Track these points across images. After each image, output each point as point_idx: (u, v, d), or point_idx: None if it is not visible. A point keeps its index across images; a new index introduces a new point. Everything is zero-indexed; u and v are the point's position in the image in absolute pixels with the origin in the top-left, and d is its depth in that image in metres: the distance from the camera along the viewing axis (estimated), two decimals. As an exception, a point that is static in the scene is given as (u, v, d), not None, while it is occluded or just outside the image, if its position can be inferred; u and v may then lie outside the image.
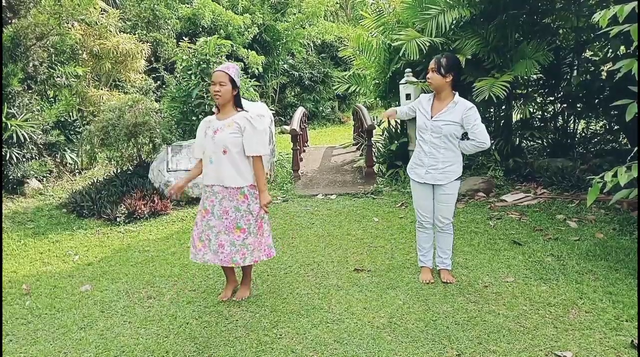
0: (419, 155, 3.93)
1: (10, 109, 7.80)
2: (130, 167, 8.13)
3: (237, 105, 3.79)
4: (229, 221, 3.70)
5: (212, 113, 3.93)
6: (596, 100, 7.25)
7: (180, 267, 4.78)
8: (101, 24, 9.38)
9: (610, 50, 6.58)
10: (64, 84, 8.93)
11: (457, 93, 3.83)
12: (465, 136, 3.89)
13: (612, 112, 6.81)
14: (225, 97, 3.67)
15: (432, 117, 3.80)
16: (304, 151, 11.28)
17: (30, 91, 8.65)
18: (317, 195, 7.39)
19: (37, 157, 8.42)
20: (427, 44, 6.69)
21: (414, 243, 4.98)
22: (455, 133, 3.78)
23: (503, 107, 7.77)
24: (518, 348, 3.07)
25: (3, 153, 7.45)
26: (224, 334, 3.44)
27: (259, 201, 3.75)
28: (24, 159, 8.00)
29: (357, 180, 8.28)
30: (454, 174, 3.87)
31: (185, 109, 8.07)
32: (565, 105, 7.83)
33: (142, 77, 10.82)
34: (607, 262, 4.28)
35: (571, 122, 8.02)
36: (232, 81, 3.66)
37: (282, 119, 17.61)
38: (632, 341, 3.04)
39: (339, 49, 16.34)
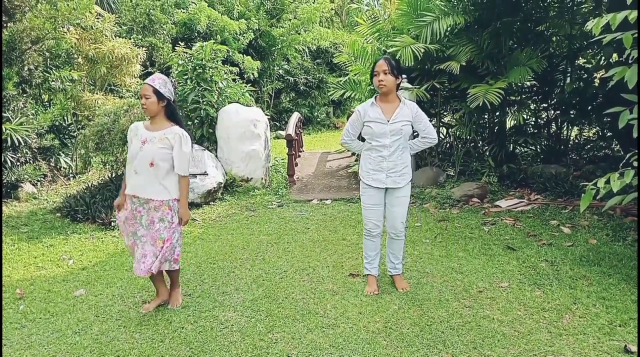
0: (376, 161, 3.86)
1: (5, 113, 7.77)
2: (125, 172, 8.10)
3: (170, 117, 3.71)
4: (154, 232, 3.67)
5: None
6: (589, 107, 7.32)
7: (175, 271, 4.77)
8: (97, 28, 9.37)
9: (603, 58, 6.65)
10: (59, 88, 8.90)
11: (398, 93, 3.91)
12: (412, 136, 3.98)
13: (604, 119, 6.88)
14: (152, 109, 3.61)
15: (389, 121, 3.77)
16: (299, 156, 11.29)
17: (25, 95, 8.62)
18: (312, 200, 7.40)
19: (31, 161, 8.38)
20: (422, 50, 6.74)
21: (409, 249, 5.00)
22: (409, 132, 3.85)
23: (497, 113, 7.83)
24: (512, 353, 3.09)
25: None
26: (219, 338, 3.43)
27: (179, 216, 3.72)
28: (18, 163, 7.97)
29: (352, 185, 8.29)
30: (409, 176, 3.94)
31: (180, 114, 8.07)
32: (558, 112, 7.91)
33: (138, 82, 10.80)
34: (601, 267, 4.31)
35: (564, 128, 8.09)
36: (157, 93, 3.58)
37: (278, 124, 17.61)
38: (626, 345, 3.06)
39: (334, 55, 16.39)
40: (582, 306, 3.65)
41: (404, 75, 7.53)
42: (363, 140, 4.02)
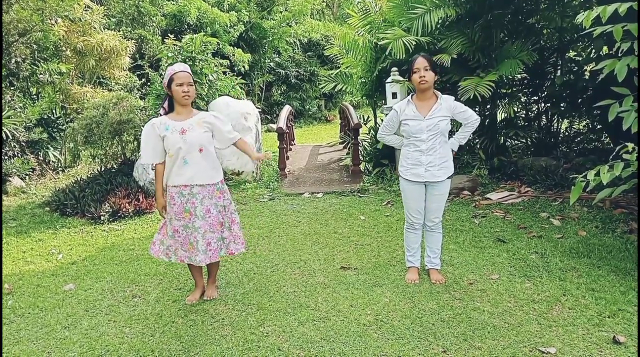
0: (414, 156, 3.88)
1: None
2: (115, 165, 8.04)
3: (193, 106, 3.86)
4: (212, 219, 3.73)
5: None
6: (579, 100, 7.34)
7: (165, 265, 4.74)
8: (85, 20, 9.27)
9: (594, 51, 6.67)
10: (47, 80, 8.81)
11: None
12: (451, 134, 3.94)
13: (595, 112, 6.90)
14: (193, 96, 3.73)
15: (425, 117, 3.79)
16: (291, 150, 11.27)
17: (12, 88, 8.53)
18: (303, 193, 7.39)
19: (19, 155, 8.31)
20: (414, 43, 6.72)
21: (400, 241, 5.01)
22: (447, 127, 3.83)
23: (488, 106, 7.83)
24: (503, 344, 3.10)
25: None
26: (210, 332, 3.42)
27: (252, 158, 3.94)
28: (6, 157, 7.89)
29: (343, 178, 8.29)
30: (449, 170, 3.93)
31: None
32: (549, 104, 7.92)
33: (127, 75, 10.72)
34: (590, 259, 4.34)
35: (555, 121, 8.11)
36: (194, 81, 3.73)
37: (269, 117, 17.57)
38: (614, 336, 3.08)
39: (325, 48, 16.33)
40: (571, 297, 3.68)
41: (394, 68, 7.57)
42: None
